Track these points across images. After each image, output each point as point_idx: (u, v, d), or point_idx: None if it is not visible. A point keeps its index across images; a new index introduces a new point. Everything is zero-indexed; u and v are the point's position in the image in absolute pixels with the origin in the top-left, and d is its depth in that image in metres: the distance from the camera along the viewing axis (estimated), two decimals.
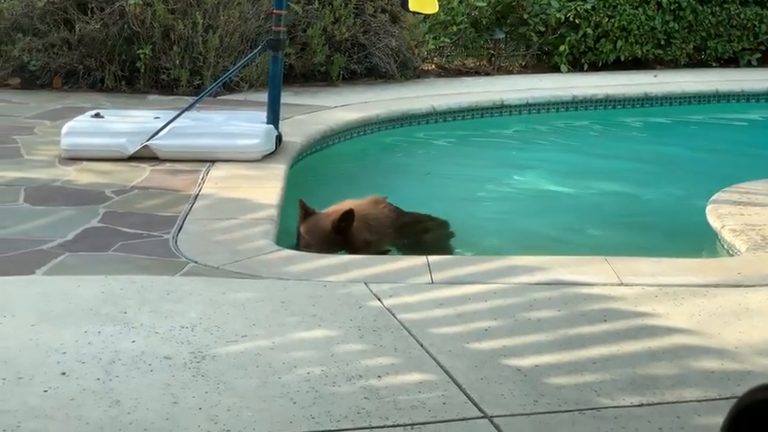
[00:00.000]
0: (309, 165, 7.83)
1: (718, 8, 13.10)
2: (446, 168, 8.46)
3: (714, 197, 6.32)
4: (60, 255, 5.05)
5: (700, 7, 12.99)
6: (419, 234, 6.20)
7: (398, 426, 3.30)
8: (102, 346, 3.86)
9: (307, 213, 5.78)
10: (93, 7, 9.75)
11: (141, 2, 9.59)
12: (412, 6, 7.29)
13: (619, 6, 12.52)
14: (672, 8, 12.85)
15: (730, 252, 5.55)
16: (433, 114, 9.61)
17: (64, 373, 3.63)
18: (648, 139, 9.89)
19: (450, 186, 7.94)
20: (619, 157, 8.97)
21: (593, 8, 12.39)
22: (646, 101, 10.87)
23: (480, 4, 11.96)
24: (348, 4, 10.51)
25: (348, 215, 5.62)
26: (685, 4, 12.86)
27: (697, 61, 13.25)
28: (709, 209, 6.09)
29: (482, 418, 3.38)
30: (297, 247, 5.62)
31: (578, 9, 12.31)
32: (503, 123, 9.90)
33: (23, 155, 7.23)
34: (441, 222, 6.32)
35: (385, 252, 5.88)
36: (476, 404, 3.46)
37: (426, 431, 3.27)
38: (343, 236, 5.62)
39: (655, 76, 12.09)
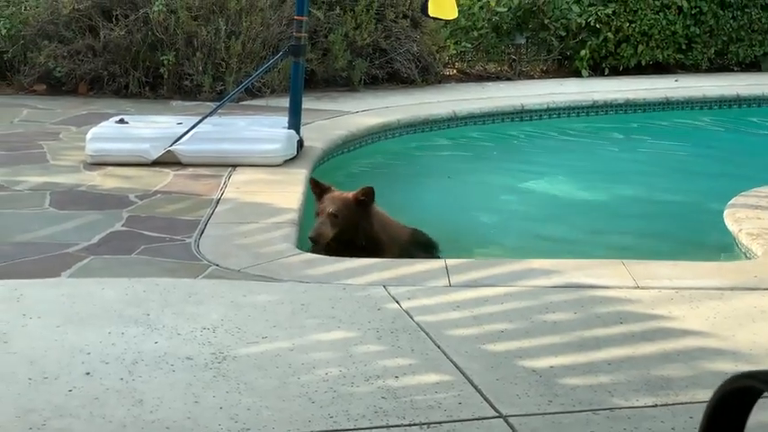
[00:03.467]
0: (331, 169, 7.89)
1: (739, 12, 13.13)
2: (466, 172, 8.52)
3: (732, 201, 6.36)
4: (85, 258, 5.15)
5: (721, 12, 13.02)
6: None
7: (415, 425, 3.36)
8: (126, 347, 3.95)
9: (323, 189, 5.80)
10: (117, 14, 9.88)
11: (165, 9, 9.71)
12: (432, 12, 7.35)
13: (640, 11, 12.57)
14: (693, 13, 12.88)
15: (747, 255, 5.58)
16: (454, 119, 9.68)
17: (88, 373, 3.71)
18: (668, 143, 9.91)
19: (470, 190, 8.00)
20: (638, 161, 9.01)
21: (614, 13, 12.44)
22: (666, 105, 10.89)
23: (501, 9, 12.02)
24: (369, 10, 10.59)
25: (368, 190, 5.66)
26: (706, 8, 12.89)
27: (718, 66, 13.27)
28: (726, 212, 6.13)
29: (497, 417, 3.43)
30: (316, 222, 5.63)
31: (599, 14, 12.36)
32: (523, 128, 9.95)
33: (49, 160, 7.35)
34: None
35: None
36: (491, 404, 3.52)
37: (442, 430, 3.33)
38: (363, 210, 5.64)
39: (676, 80, 12.11)
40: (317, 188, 5.81)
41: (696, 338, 4.17)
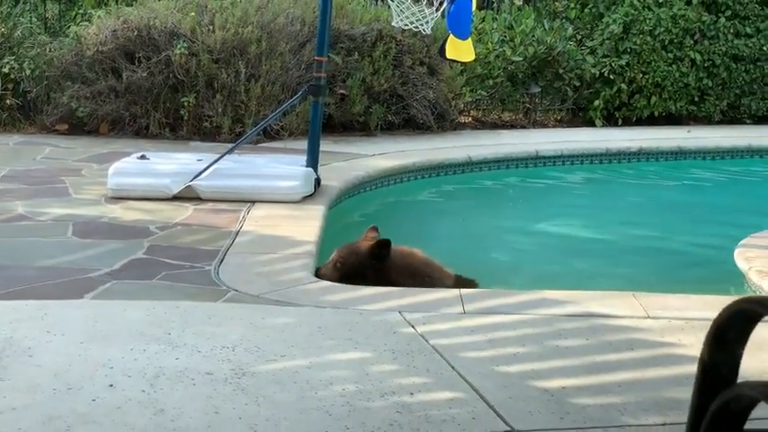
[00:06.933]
0: (347, 209, 8.03)
1: (751, 66, 13.28)
2: (481, 215, 8.64)
3: (743, 241, 6.45)
4: (107, 282, 5.27)
5: (733, 65, 13.17)
6: None
7: None
8: (148, 362, 4.05)
9: (367, 232, 5.96)
10: (140, 56, 10.09)
11: (187, 52, 9.91)
12: (449, 54, 7.50)
13: (653, 63, 12.73)
14: (706, 65, 13.04)
15: (757, 292, 5.66)
16: (468, 164, 9.81)
17: (111, 385, 3.81)
18: (680, 190, 10.04)
19: (485, 232, 8.10)
20: (650, 206, 9.13)
21: (628, 64, 12.61)
22: (679, 154, 11.02)
23: (517, 58, 12.19)
24: (387, 56, 10.77)
25: (382, 243, 5.71)
26: (719, 61, 13.05)
27: (731, 118, 13.40)
28: (737, 252, 6.22)
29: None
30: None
31: (613, 65, 12.54)
32: (537, 174, 10.09)
33: (71, 194, 7.50)
34: None
35: None
36: (503, 419, 3.60)
37: None
38: (378, 261, 5.71)
39: (688, 131, 12.24)
40: (368, 231, 5.97)
41: None
